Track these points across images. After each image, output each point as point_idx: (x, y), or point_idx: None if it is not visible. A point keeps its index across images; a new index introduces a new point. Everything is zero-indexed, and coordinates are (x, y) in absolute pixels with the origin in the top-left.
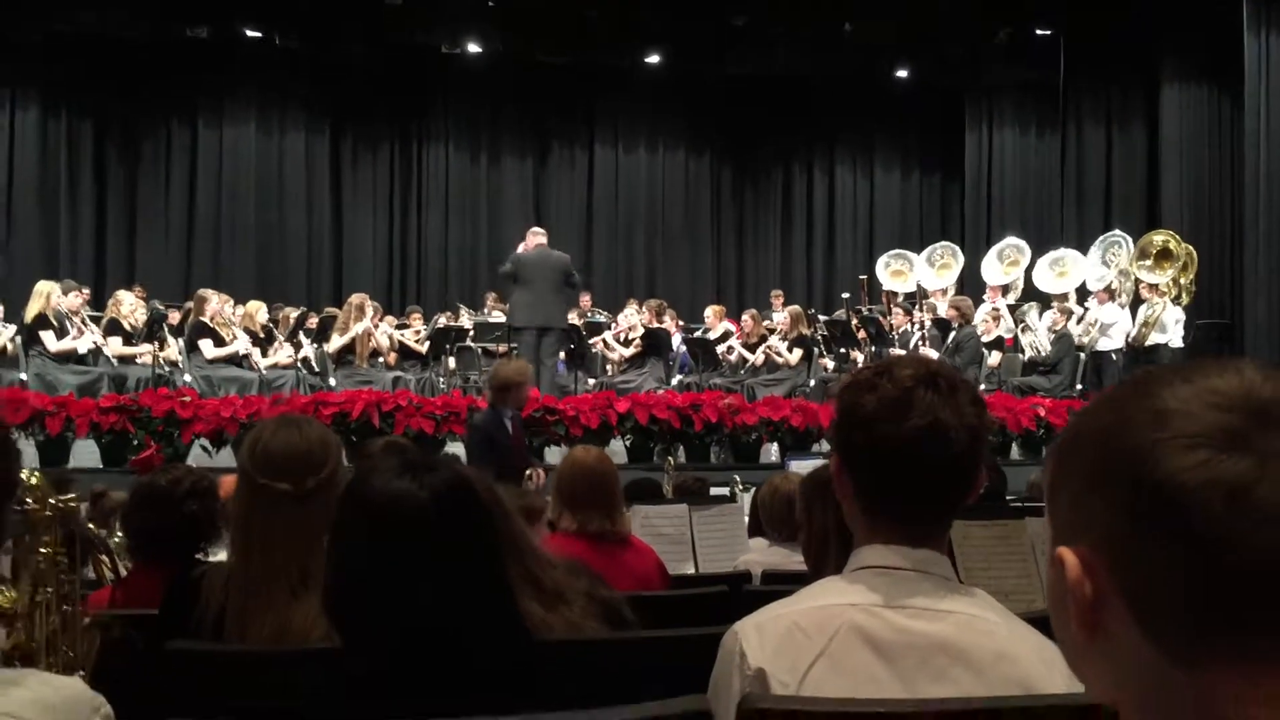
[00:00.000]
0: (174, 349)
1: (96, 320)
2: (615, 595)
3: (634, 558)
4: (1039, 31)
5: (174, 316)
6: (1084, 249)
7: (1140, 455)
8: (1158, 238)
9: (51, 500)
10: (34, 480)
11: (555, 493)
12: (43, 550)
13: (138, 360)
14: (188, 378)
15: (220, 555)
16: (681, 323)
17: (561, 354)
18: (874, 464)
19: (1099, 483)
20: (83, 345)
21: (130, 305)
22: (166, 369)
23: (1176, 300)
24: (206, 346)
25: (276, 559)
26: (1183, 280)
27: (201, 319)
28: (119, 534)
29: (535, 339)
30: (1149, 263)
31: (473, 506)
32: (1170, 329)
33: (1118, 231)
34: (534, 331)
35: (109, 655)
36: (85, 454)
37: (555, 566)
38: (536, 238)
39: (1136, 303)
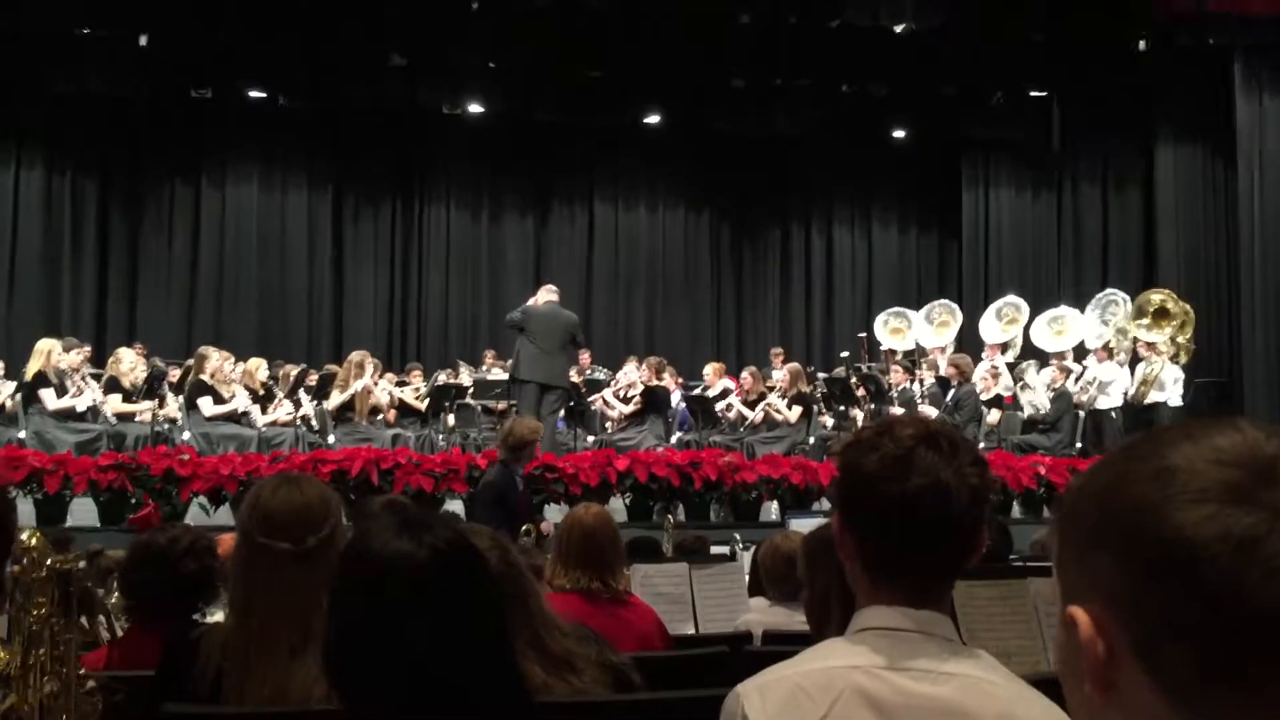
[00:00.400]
0: (173, 406)
1: (97, 378)
2: (624, 660)
3: (634, 616)
4: (1033, 93)
5: (174, 374)
6: (1081, 307)
7: (1147, 512)
8: (1155, 296)
9: (49, 560)
10: (33, 540)
11: (555, 550)
12: (38, 611)
13: (137, 418)
14: (186, 435)
15: (218, 615)
16: (681, 380)
17: (561, 411)
18: (875, 523)
19: (1106, 541)
20: (82, 403)
21: (130, 363)
22: (165, 426)
23: (1175, 359)
24: (205, 404)
25: (276, 619)
26: (1180, 339)
27: (202, 377)
28: (116, 593)
29: (537, 394)
30: (1146, 321)
31: (472, 565)
32: (1169, 388)
33: (1115, 290)
34: (536, 386)
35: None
36: (83, 512)
37: (566, 634)
38: (549, 294)
39: (1135, 361)
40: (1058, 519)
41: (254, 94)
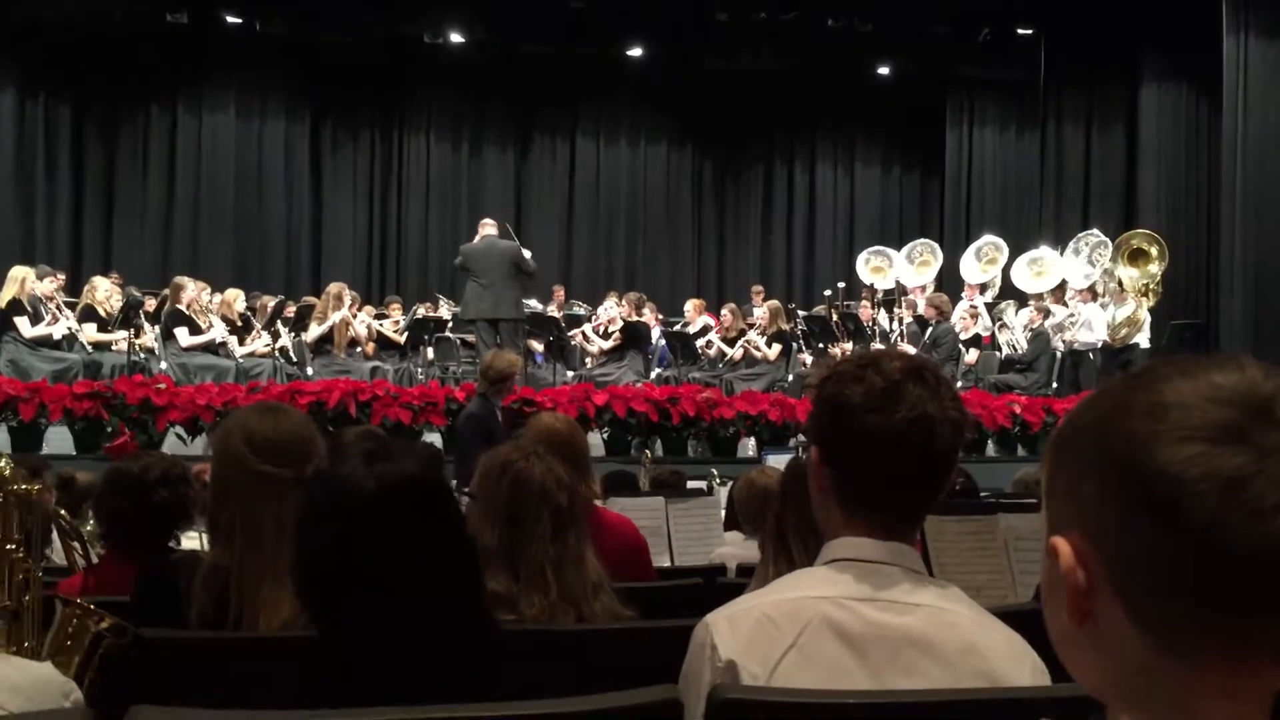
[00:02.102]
0: (150, 336)
1: (71, 306)
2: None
3: (614, 521)
4: (1020, 30)
5: (150, 304)
6: (1061, 248)
7: (1136, 445)
8: (1133, 239)
9: (13, 486)
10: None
11: None
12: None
13: (113, 347)
14: (163, 365)
15: (191, 543)
16: (661, 316)
17: (540, 345)
18: (858, 455)
19: (1094, 472)
20: (57, 331)
21: (106, 291)
22: (142, 356)
23: (1144, 296)
24: (182, 334)
25: (283, 546)
26: (1150, 281)
27: (178, 306)
28: (90, 520)
29: (489, 330)
30: (1122, 262)
31: (423, 497)
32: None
33: (1094, 231)
34: (484, 323)
35: (115, 658)
36: (59, 440)
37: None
38: (485, 229)
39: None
40: (1050, 448)
41: (231, 20)
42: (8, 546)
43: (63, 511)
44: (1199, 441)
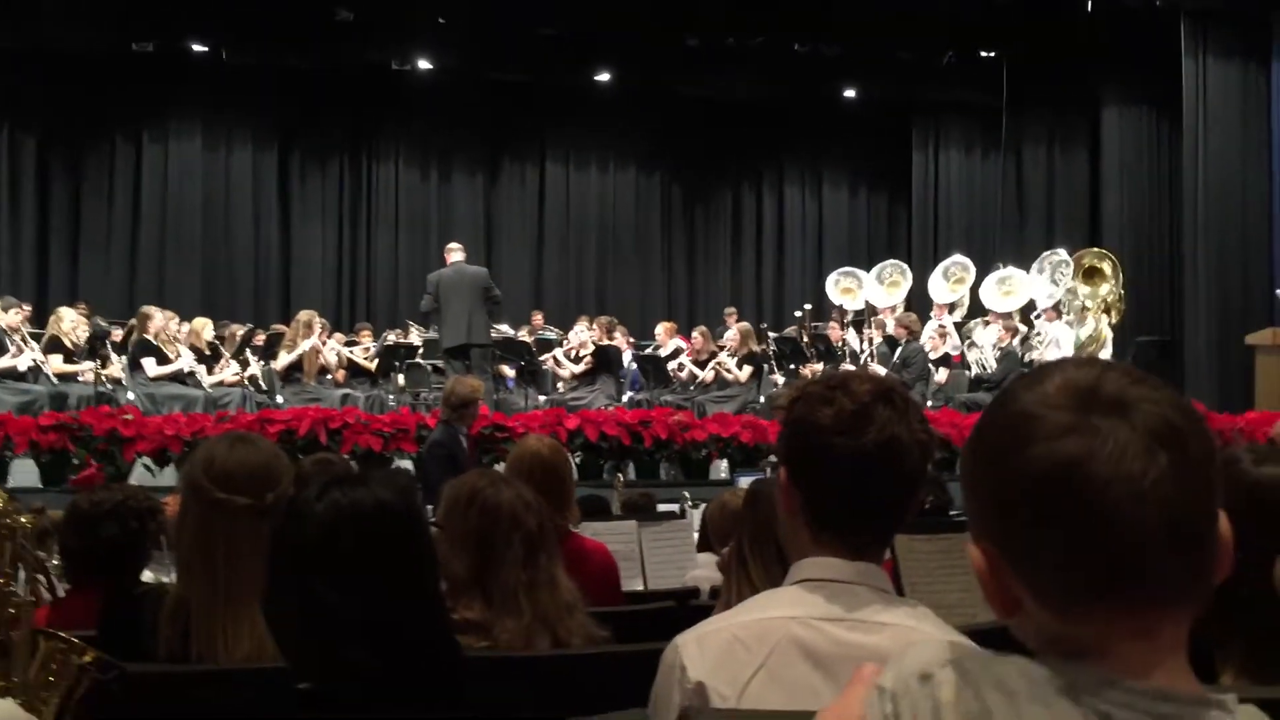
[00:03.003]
0: (117, 366)
1: (37, 338)
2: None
3: (590, 549)
4: (983, 54)
5: (117, 334)
6: (1027, 267)
7: (998, 457)
8: (1085, 259)
9: (8, 520)
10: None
11: None
12: None
13: (79, 378)
14: (130, 395)
15: (151, 576)
16: (632, 340)
17: (511, 370)
18: (826, 477)
19: (977, 486)
20: (22, 363)
21: (72, 322)
22: (109, 387)
23: (1105, 313)
24: (150, 364)
25: (242, 576)
26: (1110, 296)
27: (145, 336)
28: (56, 554)
29: (459, 357)
30: (1079, 280)
31: (400, 524)
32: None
33: (1058, 250)
34: (456, 350)
35: (101, 691)
36: (24, 473)
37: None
38: (452, 254)
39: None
40: (959, 468)
41: (198, 48)
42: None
43: (26, 544)
44: (1041, 440)
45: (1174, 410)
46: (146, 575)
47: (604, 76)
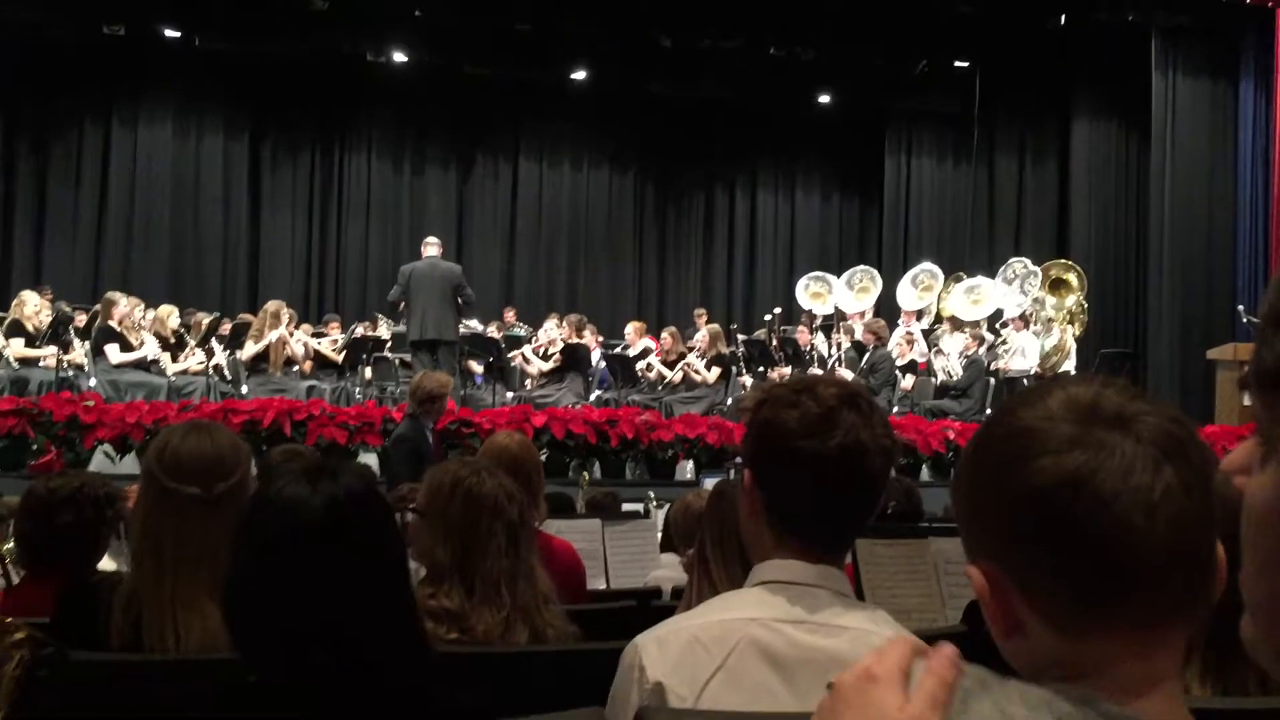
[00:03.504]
0: (79, 352)
1: None
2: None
3: (556, 545)
4: (957, 64)
5: (80, 319)
6: (993, 275)
7: (1001, 473)
8: (1052, 270)
9: None
10: None
11: None
12: None
13: (41, 363)
14: (93, 382)
15: (111, 564)
16: (601, 339)
17: (479, 366)
18: (790, 480)
19: (979, 504)
20: None
21: (35, 306)
22: (71, 372)
23: (1070, 324)
24: (113, 351)
25: (191, 566)
26: (1074, 307)
27: (109, 323)
28: (10, 541)
29: (428, 351)
30: (1044, 291)
31: (370, 515)
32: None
33: (1025, 259)
34: (424, 344)
35: (37, 670)
36: None
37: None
38: (428, 249)
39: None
40: (951, 488)
41: (170, 34)
42: None
43: None
44: (1047, 455)
45: (1172, 423)
46: (107, 564)
47: (579, 75)
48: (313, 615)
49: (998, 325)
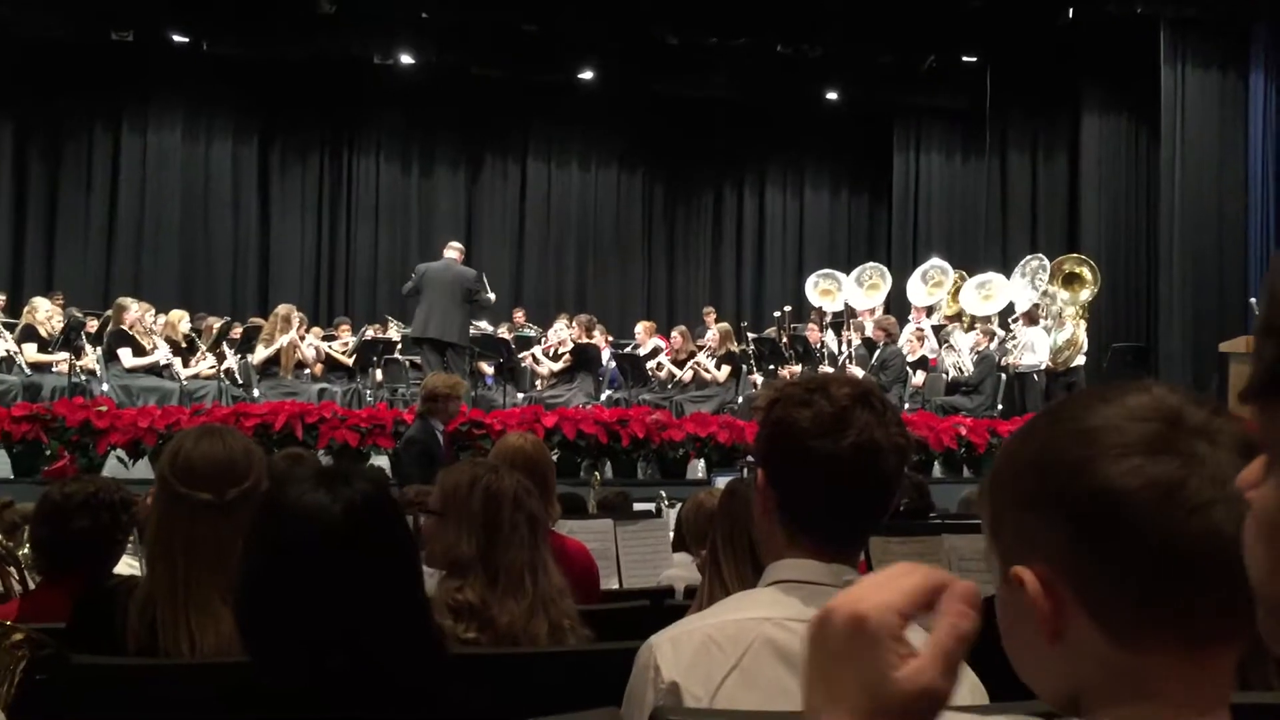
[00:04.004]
0: (91, 358)
1: (11, 327)
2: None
3: (570, 546)
4: (965, 59)
5: (92, 324)
6: (1008, 272)
7: (1077, 471)
8: (1065, 264)
9: None
10: None
11: None
12: None
13: (53, 369)
14: (105, 387)
15: (133, 567)
16: (611, 338)
17: (490, 367)
18: (803, 479)
19: (1041, 503)
20: None
21: (46, 312)
22: (83, 378)
23: (1082, 318)
24: (125, 356)
25: (204, 571)
26: (1087, 301)
27: (121, 327)
28: (26, 546)
29: (436, 352)
30: (1058, 286)
31: (387, 518)
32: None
33: (1039, 255)
34: (430, 344)
35: (39, 672)
36: None
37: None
38: (448, 251)
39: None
40: (989, 489)
41: (178, 38)
42: None
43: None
44: (1134, 456)
45: (1245, 430)
46: (125, 568)
47: (587, 74)
48: (329, 620)
49: (1010, 321)
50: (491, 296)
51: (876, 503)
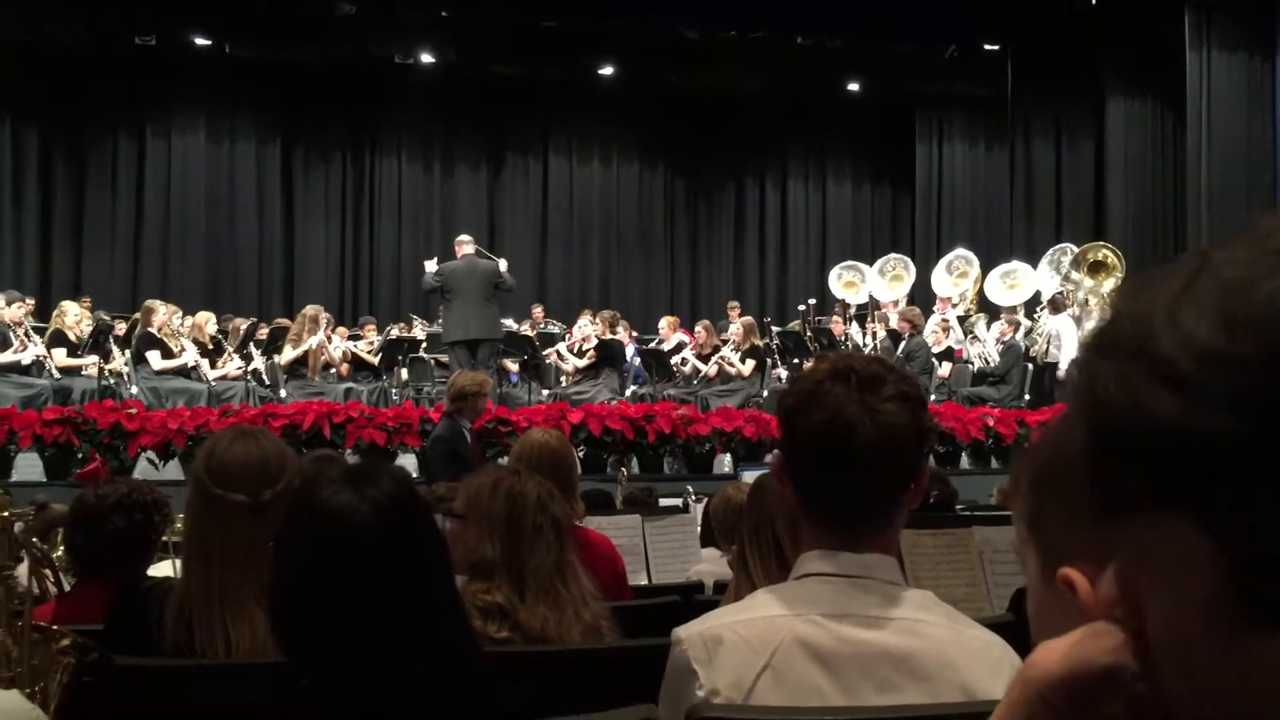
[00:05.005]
0: (120, 361)
1: (40, 332)
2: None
3: (595, 540)
4: (986, 47)
5: (120, 328)
6: (1033, 261)
7: None
8: (1090, 252)
9: (3, 513)
10: None
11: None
12: None
13: (83, 372)
14: (134, 389)
15: (163, 569)
16: (635, 334)
17: (514, 364)
18: (797, 462)
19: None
20: (26, 357)
21: (75, 316)
22: (112, 381)
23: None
24: (154, 358)
25: (237, 572)
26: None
27: (149, 330)
28: (61, 548)
29: (465, 352)
30: (1084, 274)
31: (415, 518)
32: None
33: (1069, 245)
34: (465, 345)
35: (84, 675)
36: (28, 467)
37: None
38: (463, 247)
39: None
40: (1033, 481)
41: (200, 42)
42: (3, 572)
43: (35, 539)
44: None
45: None
46: (162, 569)
47: (606, 70)
48: (362, 619)
49: (1037, 310)
50: (512, 281)
51: (868, 482)
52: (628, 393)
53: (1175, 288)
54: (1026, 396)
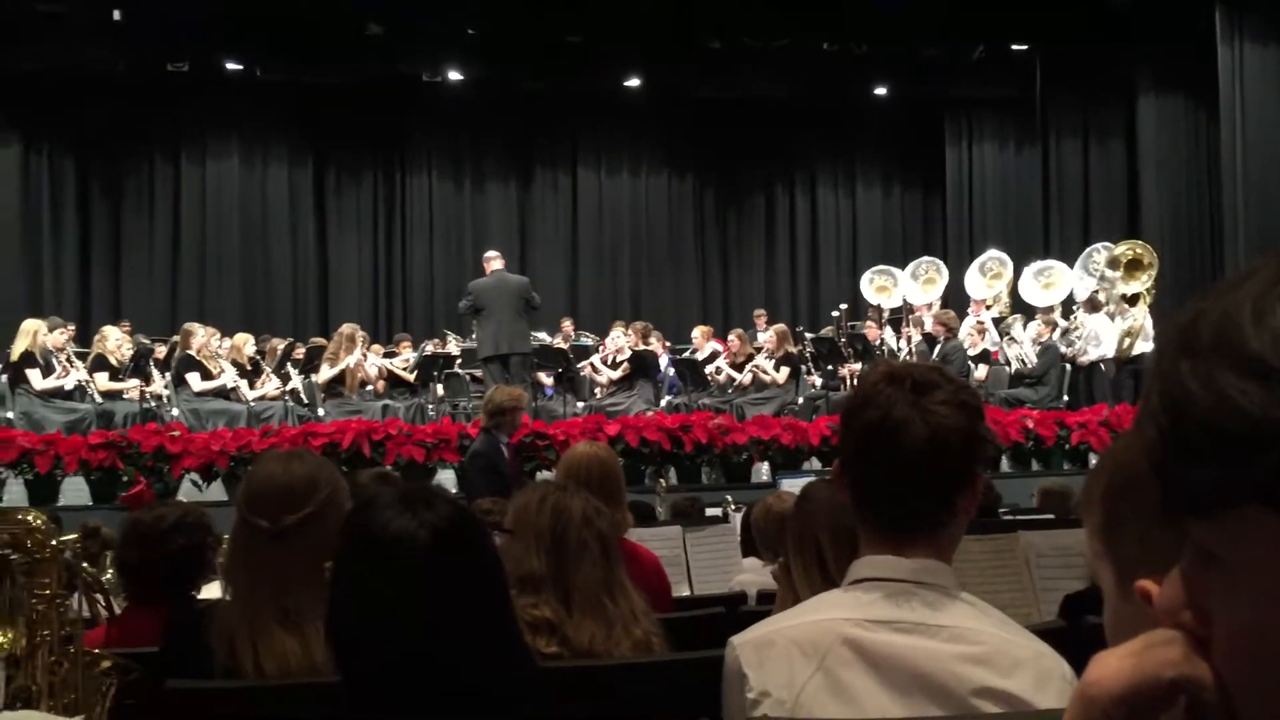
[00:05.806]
0: (160, 384)
1: (82, 357)
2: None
3: (641, 553)
4: (1015, 48)
5: (160, 351)
6: (1067, 261)
7: None
8: (1124, 249)
9: (53, 541)
10: (37, 521)
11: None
12: (41, 591)
13: (124, 396)
14: (175, 412)
15: (211, 591)
16: (668, 344)
17: (549, 378)
18: (850, 462)
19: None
20: (69, 383)
21: (116, 341)
22: (154, 404)
23: (1133, 303)
24: (194, 380)
25: (261, 596)
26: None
27: (189, 352)
28: (110, 571)
29: (499, 366)
30: (1120, 273)
31: (472, 541)
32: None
33: (1107, 245)
34: (498, 361)
35: (127, 697)
36: (74, 492)
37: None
38: (492, 263)
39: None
40: (1104, 495)
41: (231, 66)
42: (57, 600)
43: (85, 564)
44: None
45: None
46: (212, 590)
47: (633, 82)
48: (421, 642)
49: (1074, 309)
50: (539, 299)
51: (919, 484)
52: (663, 403)
53: (1258, 289)
54: (1065, 397)
